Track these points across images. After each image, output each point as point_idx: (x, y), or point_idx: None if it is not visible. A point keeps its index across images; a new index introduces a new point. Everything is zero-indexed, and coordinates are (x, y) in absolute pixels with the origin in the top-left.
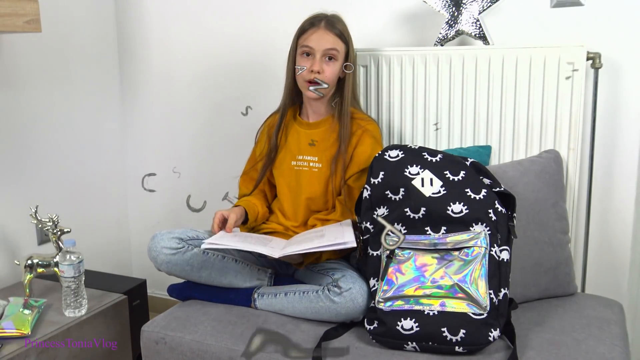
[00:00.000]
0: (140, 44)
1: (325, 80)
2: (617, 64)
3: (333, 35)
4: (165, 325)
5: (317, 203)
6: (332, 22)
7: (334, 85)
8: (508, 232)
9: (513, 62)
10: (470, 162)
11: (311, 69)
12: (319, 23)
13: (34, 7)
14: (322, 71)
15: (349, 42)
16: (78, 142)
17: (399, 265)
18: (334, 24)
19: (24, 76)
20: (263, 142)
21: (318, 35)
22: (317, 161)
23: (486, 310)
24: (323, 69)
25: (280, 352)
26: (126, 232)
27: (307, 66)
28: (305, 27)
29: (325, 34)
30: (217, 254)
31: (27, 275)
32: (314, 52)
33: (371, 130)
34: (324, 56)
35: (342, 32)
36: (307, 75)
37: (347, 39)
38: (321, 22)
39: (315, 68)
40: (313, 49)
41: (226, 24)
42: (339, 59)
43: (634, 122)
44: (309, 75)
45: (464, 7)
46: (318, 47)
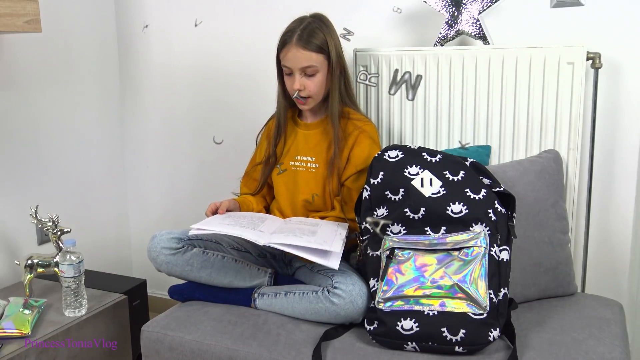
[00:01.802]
0: (140, 44)
1: (309, 94)
2: (617, 64)
3: (307, 52)
4: (165, 325)
5: (315, 204)
6: (304, 36)
7: (322, 92)
8: (508, 232)
9: (513, 62)
10: (469, 162)
11: (292, 87)
12: (291, 40)
13: (34, 7)
14: (304, 87)
15: (330, 48)
16: (78, 142)
17: (398, 266)
18: (308, 38)
19: (24, 76)
20: (264, 145)
21: (292, 55)
22: (314, 161)
23: (486, 310)
24: (304, 85)
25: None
26: (126, 232)
27: (289, 84)
28: (282, 43)
29: (298, 52)
30: (217, 254)
31: (27, 275)
32: (291, 70)
33: (368, 131)
34: (302, 73)
35: (319, 44)
36: (292, 92)
37: (326, 48)
38: (293, 38)
39: (295, 87)
40: (290, 68)
41: (226, 24)
42: (320, 71)
43: (634, 122)
44: (293, 93)
45: (464, 7)
46: (294, 66)
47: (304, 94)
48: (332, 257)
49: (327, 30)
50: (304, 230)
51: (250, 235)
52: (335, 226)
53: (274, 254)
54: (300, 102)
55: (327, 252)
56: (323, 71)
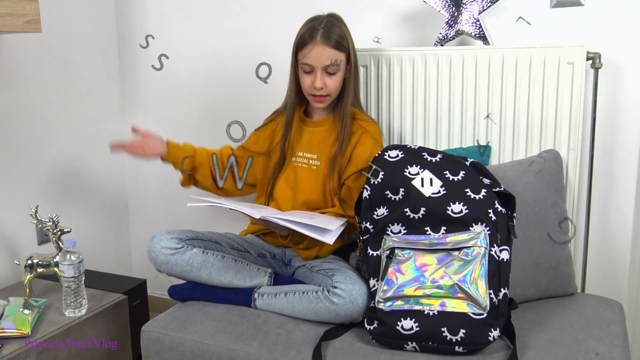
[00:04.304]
0: (140, 44)
1: (329, 92)
2: (617, 64)
3: (331, 49)
4: (165, 325)
5: (316, 202)
6: (328, 33)
7: (338, 90)
8: (508, 232)
9: (513, 62)
10: (470, 162)
11: (314, 85)
12: (316, 36)
13: (34, 7)
14: (324, 86)
15: (350, 46)
16: (78, 141)
17: (398, 265)
18: (330, 34)
19: (24, 76)
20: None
21: (316, 52)
22: (315, 159)
23: (486, 310)
24: (325, 83)
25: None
26: (126, 232)
27: (309, 82)
28: (303, 40)
29: (323, 50)
30: (217, 254)
31: (27, 275)
32: (313, 68)
33: (371, 131)
34: (324, 71)
35: (340, 41)
36: (310, 90)
37: (347, 46)
38: (317, 34)
39: (317, 85)
40: (312, 66)
41: (226, 24)
42: (340, 69)
43: (634, 122)
44: (312, 91)
45: (464, 7)
46: (317, 64)
47: (323, 92)
48: (328, 234)
49: (345, 28)
50: (303, 215)
51: (246, 209)
52: (333, 217)
53: (273, 253)
54: (318, 100)
55: (323, 229)
56: (342, 69)
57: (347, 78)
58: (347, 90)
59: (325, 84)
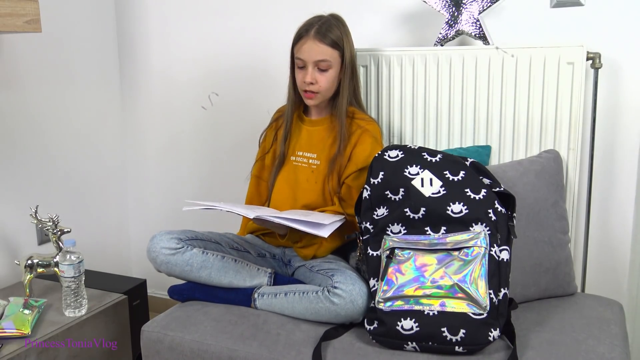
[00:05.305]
0: (140, 44)
1: (319, 89)
2: (617, 64)
3: (324, 46)
4: (165, 325)
5: (316, 202)
6: (323, 30)
7: (331, 89)
8: (508, 232)
9: (513, 62)
10: (470, 162)
11: (304, 80)
12: (309, 32)
13: (34, 7)
14: (315, 82)
15: (345, 46)
16: (78, 142)
17: (398, 266)
18: (325, 32)
19: (24, 76)
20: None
21: (308, 47)
22: (315, 158)
23: (486, 310)
24: (316, 79)
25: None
26: (126, 232)
27: (300, 77)
28: (299, 35)
29: (315, 45)
30: (217, 254)
31: (27, 275)
32: (305, 63)
33: (371, 130)
34: (315, 67)
35: (335, 39)
36: (302, 85)
37: (342, 45)
38: (311, 31)
39: (307, 80)
40: (304, 60)
41: (226, 24)
42: (333, 67)
43: (634, 122)
44: (303, 86)
45: (464, 7)
46: (308, 59)
47: (314, 89)
48: (323, 228)
49: (344, 29)
50: (298, 213)
51: (241, 210)
52: (330, 214)
53: (273, 253)
54: (308, 96)
55: (317, 224)
56: (336, 68)
57: (343, 78)
58: (341, 90)
59: (316, 79)
